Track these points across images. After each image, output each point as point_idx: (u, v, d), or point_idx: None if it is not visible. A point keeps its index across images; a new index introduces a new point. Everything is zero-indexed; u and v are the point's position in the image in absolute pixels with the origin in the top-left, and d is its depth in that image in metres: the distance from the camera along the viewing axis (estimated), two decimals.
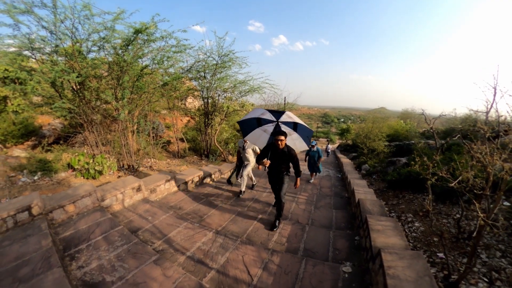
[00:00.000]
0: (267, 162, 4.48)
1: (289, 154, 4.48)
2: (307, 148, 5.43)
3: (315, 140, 18.17)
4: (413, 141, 16.21)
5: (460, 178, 3.72)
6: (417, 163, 5.14)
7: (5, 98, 12.09)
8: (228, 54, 11.75)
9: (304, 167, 9.78)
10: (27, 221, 3.80)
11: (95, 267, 2.97)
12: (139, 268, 2.94)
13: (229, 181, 7.42)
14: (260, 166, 4.74)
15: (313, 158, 9.23)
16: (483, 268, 3.51)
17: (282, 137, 4.37)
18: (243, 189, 6.80)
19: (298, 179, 4.78)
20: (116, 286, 2.66)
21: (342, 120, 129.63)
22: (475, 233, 3.33)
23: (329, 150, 21.23)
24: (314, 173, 9.59)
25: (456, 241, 4.37)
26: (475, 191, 3.48)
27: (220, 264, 3.28)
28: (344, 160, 14.55)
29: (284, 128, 4.94)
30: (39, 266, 2.78)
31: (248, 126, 5.39)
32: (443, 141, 6.46)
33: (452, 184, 3.71)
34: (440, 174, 4.15)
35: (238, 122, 5.49)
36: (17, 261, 2.91)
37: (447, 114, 6.91)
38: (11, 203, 3.86)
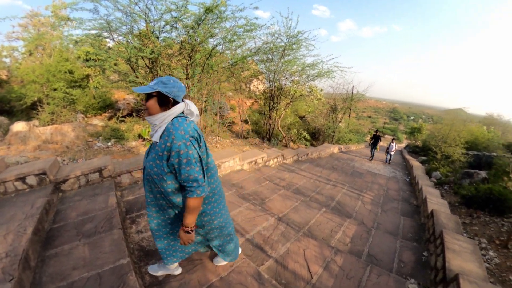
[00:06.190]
0: None
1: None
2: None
3: (379, 134, 14.93)
4: (495, 154, 14.44)
5: None
6: (510, 180, 4.50)
7: (87, 76, 14.10)
8: (297, 35, 11.43)
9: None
10: (97, 181, 4.14)
11: None
12: None
13: None
14: None
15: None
16: None
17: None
18: None
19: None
20: None
21: (412, 118, 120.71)
22: None
23: (392, 152, 13.94)
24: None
25: None
26: None
27: (279, 254, 3.13)
28: (414, 163, 13.46)
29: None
30: (101, 225, 2.95)
31: None
32: None
33: None
34: None
35: None
36: (83, 216, 3.15)
37: None
38: (86, 164, 4.25)
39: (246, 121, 15.53)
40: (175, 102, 1.76)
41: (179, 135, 1.60)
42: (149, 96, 1.71)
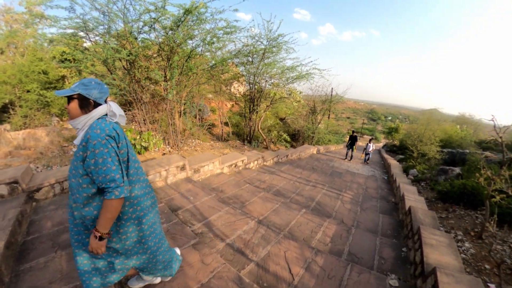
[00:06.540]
0: None
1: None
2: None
3: (357, 134, 15.05)
4: (468, 150, 15.03)
5: None
6: (483, 176, 4.66)
7: (63, 77, 13.40)
8: (277, 38, 11.43)
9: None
10: None
11: None
12: None
13: None
14: None
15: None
16: None
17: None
18: None
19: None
20: None
21: (390, 118, 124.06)
22: None
23: (370, 151, 14.38)
24: None
25: (511, 274, 3.91)
26: None
27: (260, 257, 3.13)
28: (392, 161, 13.78)
29: None
30: None
31: None
32: None
33: None
34: (510, 193, 3.74)
35: None
36: (59, 227, 3.05)
37: None
38: (61, 171, 4.11)
39: (226, 124, 15.45)
40: (97, 104, 1.69)
41: (95, 134, 1.53)
42: (70, 99, 1.64)
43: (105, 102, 1.76)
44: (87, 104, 1.65)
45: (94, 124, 1.59)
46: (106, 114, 1.73)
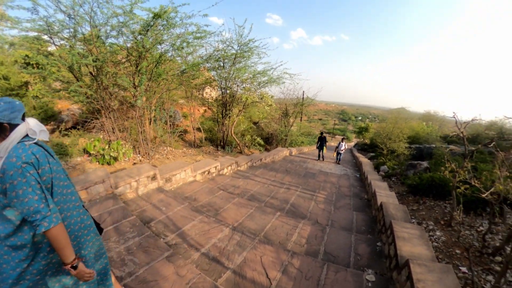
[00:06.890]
0: None
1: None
2: None
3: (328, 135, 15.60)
4: (434, 145, 15.73)
5: (492, 189, 3.59)
6: (448, 169, 4.88)
7: (26, 83, 12.52)
8: (248, 43, 11.43)
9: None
10: None
11: None
12: (150, 265, 2.78)
13: None
14: None
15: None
16: None
17: None
18: None
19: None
20: (126, 282, 2.49)
21: (360, 118, 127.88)
22: (509, 249, 3.10)
23: (341, 151, 14.30)
24: None
25: (479, 256, 4.10)
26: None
27: (236, 264, 3.08)
28: (363, 159, 14.14)
29: None
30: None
31: None
32: (473, 148, 6.15)
33: (485, 195, 3.51)
34: (473, 183, 3.93)
35: None
36: None
37: (478, 119, 6.41)
38: None
39: (199, 129, 15.24)
40: (14, 126, 1.51)
41: (10, 163, 1.38)
42: None
43: (23, 119, 1.59)
44: (2, 129, 1.48)
45: (11, 152, 1.43)
46: (27, 134, 1.56)
